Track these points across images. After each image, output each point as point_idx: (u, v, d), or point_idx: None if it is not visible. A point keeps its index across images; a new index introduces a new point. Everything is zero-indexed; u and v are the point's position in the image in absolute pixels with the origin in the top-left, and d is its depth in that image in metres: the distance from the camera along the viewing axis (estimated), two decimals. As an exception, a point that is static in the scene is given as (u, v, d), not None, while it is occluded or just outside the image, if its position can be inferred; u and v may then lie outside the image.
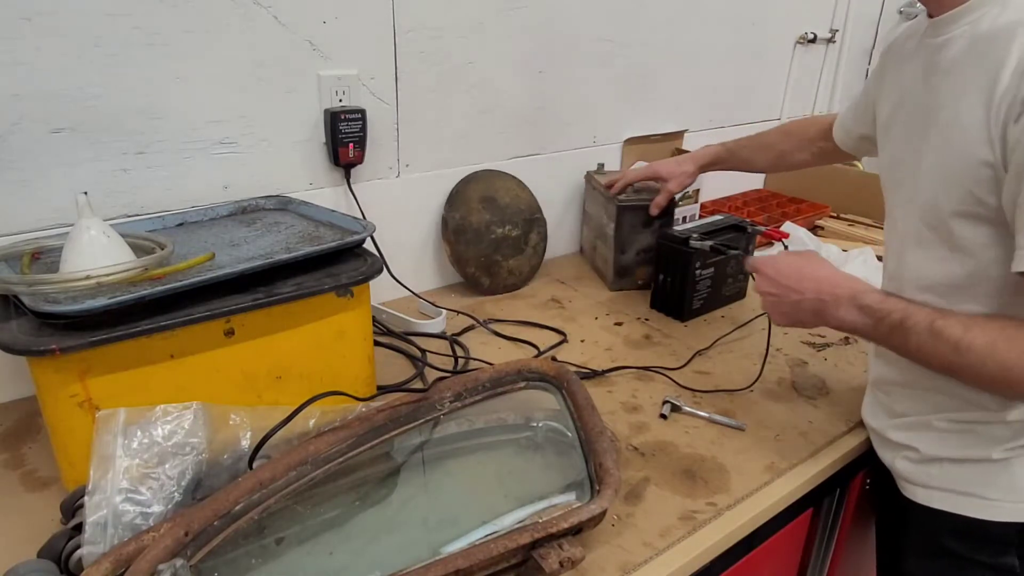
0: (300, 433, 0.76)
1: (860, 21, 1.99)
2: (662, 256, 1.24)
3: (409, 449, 0.83)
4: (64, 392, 0.69)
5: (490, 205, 1.28)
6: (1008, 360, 0.62)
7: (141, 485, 0.65)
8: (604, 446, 0.75)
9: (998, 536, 0.75)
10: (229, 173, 1.04)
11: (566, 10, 1.33)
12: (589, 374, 1.03)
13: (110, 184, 0.94)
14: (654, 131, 1.58)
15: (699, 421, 0.94)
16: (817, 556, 1.04)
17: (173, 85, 0.95)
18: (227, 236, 0.91)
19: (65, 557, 0.64)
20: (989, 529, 0.75)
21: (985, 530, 0.76)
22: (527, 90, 1.34)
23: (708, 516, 0.77)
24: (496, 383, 0.87)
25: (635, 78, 1.51)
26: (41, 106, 0.87)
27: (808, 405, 0.98)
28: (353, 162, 1.12)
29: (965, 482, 0.76)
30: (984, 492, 0.75)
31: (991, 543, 0.76)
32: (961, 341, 0.65)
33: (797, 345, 1.15)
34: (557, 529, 0.64)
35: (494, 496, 0.77)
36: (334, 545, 0.70)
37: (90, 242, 0.73)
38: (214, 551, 0.65)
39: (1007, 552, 0.75)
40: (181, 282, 0.73)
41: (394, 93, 1.17)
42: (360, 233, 0.89)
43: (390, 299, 1.25)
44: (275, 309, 0.79)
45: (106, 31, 0.88)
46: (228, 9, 0.96)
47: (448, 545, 0.66)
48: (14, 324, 0.69)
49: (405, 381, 1.01)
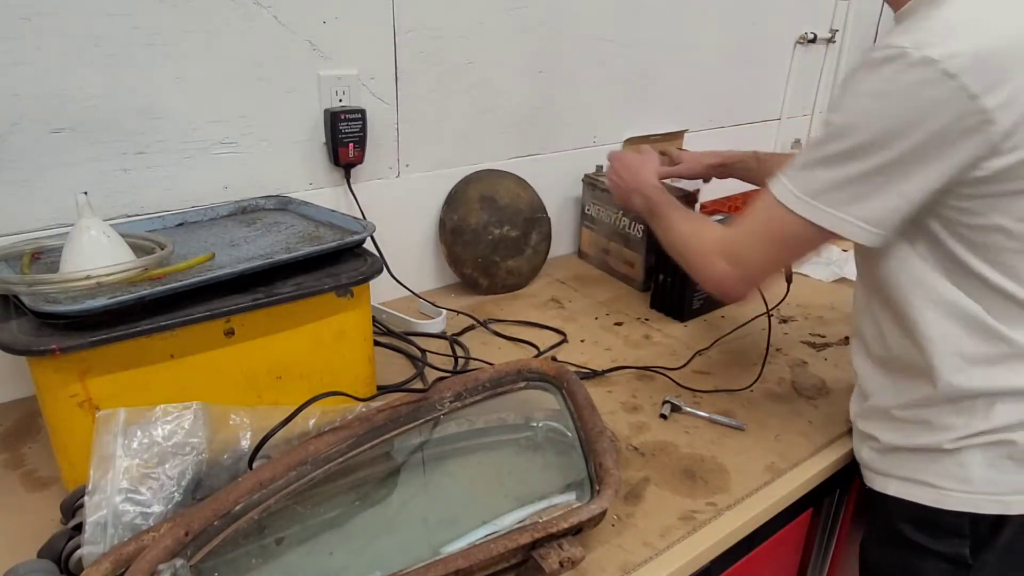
0: (300, 433, 0.76)
1: (860, 21, 1.98)
2: (662, 256, 1.24)
3: (409, 449, 0.83)
4: (64, 392, 0.69)
5: (489, 205, 1.28)
6: (688, 244, 0.84)
7: (141, 485, 0.65)
8: (604, 446, 0.75)
9: (950, 526, 0.76)
10: (229, 173, 1.04)
11: (566, 10, 1.33)
12: (589, 374, 1.03)
13: (110, 184, 0.94)
14: (654, 131, 1.57)
15: (699, 421, 0.94)
16: (817, 556, 1.04)
17: (173, 85, 0.95)
18: (227, 236, 0.91)
19: (65, 557, 0.64)
20: (942, 518, 0.76)
21: (939, 519, 0.76)
22: (527, 90, 1.34)
23: (708, 516, 0.77)
24: (496, 383, 0.87)
25: (635, 78, 1.51)
26: (41, 106, 0.87)
27: (808, 405, 0.98)
28: (353, 162, 1.12)
29: (919, 471, 0.77)
30: (936, 481, 0.76)
31: (944, 533, 0.77)
32: (672, 225, 0.89)
33: (797, 345, 1.15)
34: (557, 529, 0.64)
35: (494, 496, 0.77)
36: (334, 545, 0.70)
37: (90, 242, 0.73)
38: (214, 551, 0.65)
39: (961, 542, 0.76)
40: (181, 282, 0.73)
41: (394, 93, 1.17)
42: (360, 233, 0.89)
43: (390, 299, 1.25)
44: (275, 309, 0.79)
45: (106, 31, 0.88)
46: (228, 9, 0.96)
47: (448, 545, 0.66)
48: (14, 324, 0.69)
49: (405, 381, 1.01)
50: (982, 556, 0.75)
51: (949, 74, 0.59)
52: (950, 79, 0.59)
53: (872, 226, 0.67)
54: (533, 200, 1.35)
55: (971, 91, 0.59)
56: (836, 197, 0.67)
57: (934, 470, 0.76)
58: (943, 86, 0.60)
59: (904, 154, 0.63)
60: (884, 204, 0.66)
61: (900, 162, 0.63)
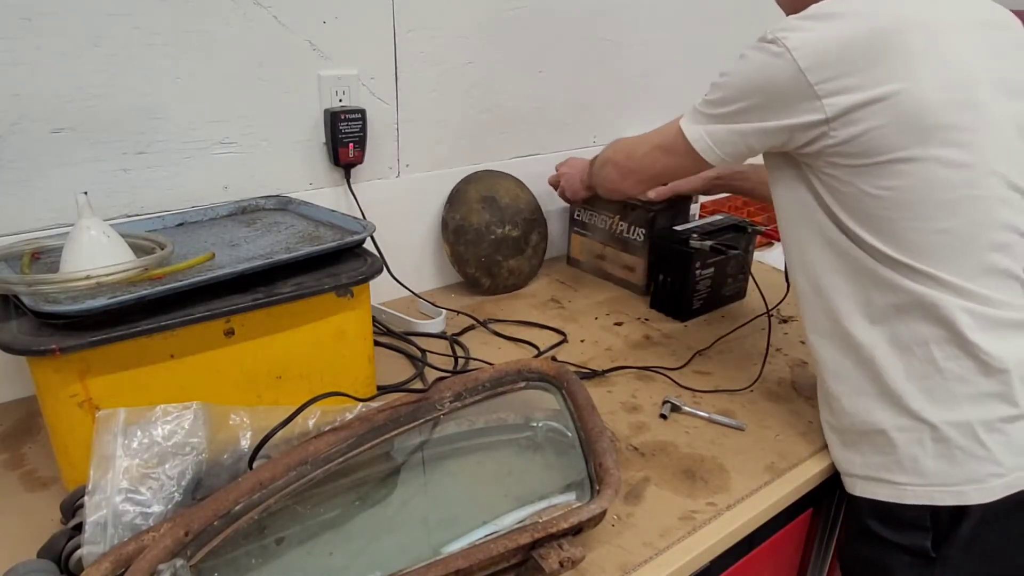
0: (300, 433, 0.76)
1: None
2: (662, 256, 1.24)
3: (409, 449, 0.83)
4: (64, 392, 0.69)
5: (490, 205, 1.28)
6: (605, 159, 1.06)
7: (141, 485, 0.65)
8: (604, 446, 0.75)
9: (912, 519, 0.77)
10: (229, 173, 1.04)
11: (566, 10, 1.33)
12: (589, 374, 1.03)
13: (110, 184, 0.94)
14: (654, 131, 1.58)
15: (699, 421, 0.94)
16: (817, 556, 1.04)
17: (173, 85, 0.95)
18: (227, 236, 0.91)
19: (65, 557, 0.64)
20: (904, 513, 0.77)
21: (900, 514, 0.77)
22: (527, 90, 1.34)
23: (708, 516, 0.77)
24: (496, 383, 0.87)
25: (635, 78, 1.51)
26: (41, 106, 0.87)
27: (808, 405, 0.98)
28: (353, 162, 1.12)
29: (878, 467, 0.79)
30: (894, 477, 0.78)
31: (907, 527, 0.78)
32: (601, 156, 1.07)
33: (797, 345, 1.15)
34: (557, 529, 0.64)
35: (494, 496, 0.77)
36: (334, 545, 0.70)
37: (90, 242, 0.73)
38: (214, 551, 0.65)
39: (923, 535, 0.76)
40: (181, 282, 0.73)
41: (394, 93, 1.17)
42: (360, 233, 0.89)
43: (390, 299, 1.25)
44: (275, 309, 0.79)
45: (106, 31, 0.88)
46: (228, 9, 0.96)
47: (448, 545, 0.66)
48: (14, 324, 0.69)
49: (405, 381, 1.01)
50: (945, 549, 0.76)
51: (790, 56, 0.72)
52: (791, 60, 0.72)
53: (715, 145, 0.82)
54: (532, 200, 1.35)
55: (802, 68, 0.72)
56: (701, 114, 0.84)
57: (889, 466, 0.78)
58: (783, 63, 0.73)
59: (745, 105, 0.78)
60: (726, 130, 0.81)
61: (739, 108, 0.79)
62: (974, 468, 0.73)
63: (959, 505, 0.74)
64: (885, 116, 0.70)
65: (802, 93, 0.72)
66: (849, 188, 0.75)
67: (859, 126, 0.71)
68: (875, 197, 0.73)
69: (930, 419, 0.75)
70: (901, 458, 0.77)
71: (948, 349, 0.74)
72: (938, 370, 0.74)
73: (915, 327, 0.75)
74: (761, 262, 1.44)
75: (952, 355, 0.74)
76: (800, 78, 0.72)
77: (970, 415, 0.74)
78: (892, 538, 0.79)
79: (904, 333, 0.76)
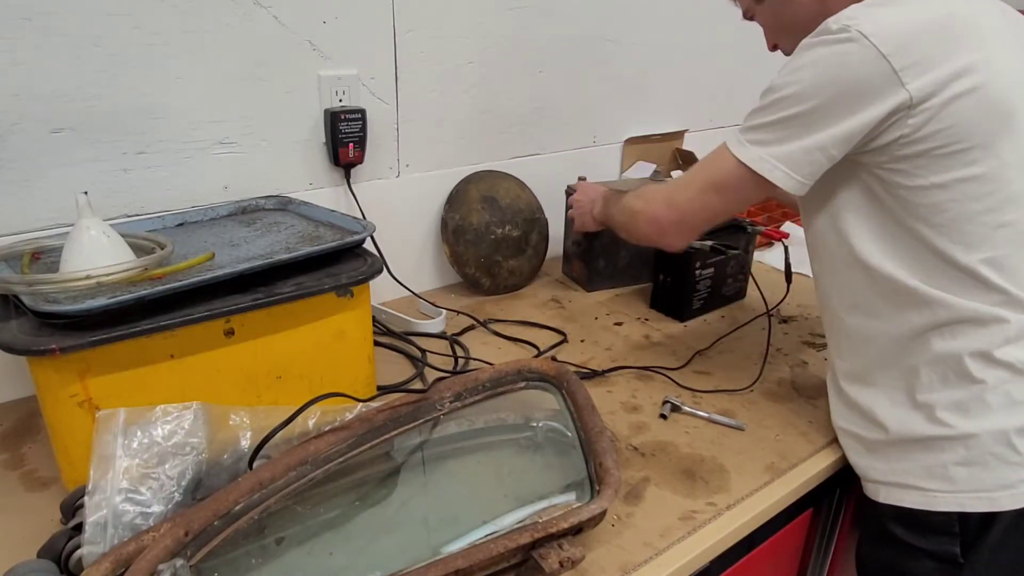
0: (300, 433, 0.76)
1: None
2: (662, 256, 1.24)
3: (409, 449, 0.83)
4: (64, 392, 0.69)
5: (490, 205, 1.28)
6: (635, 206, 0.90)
7: (141, 485, 0.65)
8: (604, 446, 0.75)
9: (939, 525, 0.76)
10: (229, 173, 1.04)
11: (566, 10, 1.33)
12: (589, 374, 1.03)
13: (110, 184, 0.94)
14: (654, 131, 1.58)
15: (699, 421, 0.94)
16: (817, 556, 1.04)
17: (173, 85, 0.95)
18: (227, 236, 0.91)
19: (65, 557, 0.64)
20: (931, 518, 0.76)
21: (927, 519, 0.77)
22: (527, 90, 1.34)
23: (708, 516, 0.77)
24: (496, 383, 0.87)
25: (635, 78, 1.51)
26: (41, 106, 0.87)
27: (808, 405, 0.98)
28: (353, 162, 1.12)
29: (905, 474, 0.78)
30: (922, 483, 0.77)
31: (934, 532, 0.77)
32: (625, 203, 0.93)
33: (797, 345, 1.15)
34: (557, 529, 0.64)
35: (494, 496, 0.77)
36: (334, 545, 0.70)
37: (90, 242, 0.73)
38: (214, 551, 0.65)
39: (951, 541, 0.76)
40: (181, 282, 0.73)
41: (394, 93, 1.17)
42: (360, 233, 0.89)
43: (390, 299, 1.25)
44: (275, 309, 0.79)
45: (106, 31, 0.88)
46: (228, 9, 0.96)
47: (448, 545, 0.66)
48: (14, 324, 0.69)
49: (405, 381, 1.01)
50: (973, 554, 0.75)
51: (867, 41, 0.67)
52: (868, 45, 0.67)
53: (791, 170, 0.73)
54: (532, 200, 1.35)
55: (883, 53, 0.67)
56: (761, 138, 0.74)
57: (917, 472, 0.77)
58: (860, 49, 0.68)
59: (818, 106, 0.70)
60: (801, 147, 0.72)
61: (813, 112, 0.71)
62: (1006, 474, 0.73)
63: (989, 511, 0.73)
64: (969, 99, 0.68)
65: (886, 79, 0.68)
66: (916, 181, 0.71)
67: (943, 111, 0.68)
68: (944, 188, 0.70)
69: (963, 428, 0.74)
70: (930, 465, 0.75)
71: (983, 360, 0.73)
72: (973, 381, 0.74)
73: (952, 341, 0.74)
74: (761, 262, 1.44)
75: (987, 365, 0.73)
76: (882, 63, 0.67)
77: (1004, 423, 0.73)
78: (917, 543, 0.78)
79: (940, 346, 0.75)
